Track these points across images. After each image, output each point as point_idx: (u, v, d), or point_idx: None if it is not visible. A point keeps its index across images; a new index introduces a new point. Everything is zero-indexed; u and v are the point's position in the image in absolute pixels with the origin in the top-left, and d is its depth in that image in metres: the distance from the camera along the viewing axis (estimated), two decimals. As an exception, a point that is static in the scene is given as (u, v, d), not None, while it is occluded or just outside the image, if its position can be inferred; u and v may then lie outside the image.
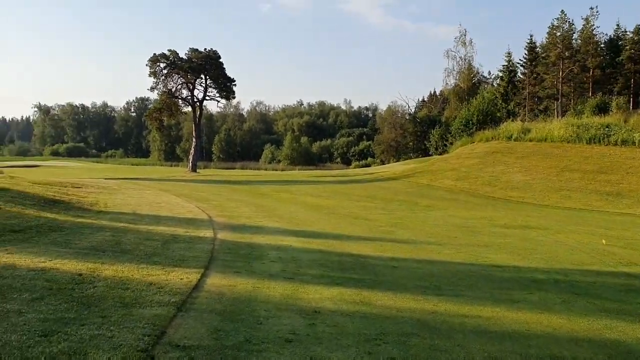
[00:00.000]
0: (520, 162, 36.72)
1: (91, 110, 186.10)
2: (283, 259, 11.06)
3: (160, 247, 11.36)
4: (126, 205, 19.67)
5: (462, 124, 48.12)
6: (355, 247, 13.33)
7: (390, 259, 11.97)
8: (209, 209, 20.57)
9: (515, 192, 30.50)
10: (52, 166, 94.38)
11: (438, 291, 9.00)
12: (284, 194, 30.19)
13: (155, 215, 17.38)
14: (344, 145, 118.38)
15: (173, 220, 16.27)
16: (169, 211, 18.74)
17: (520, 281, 10.27)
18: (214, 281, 8.60)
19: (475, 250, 13.79)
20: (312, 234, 15.54)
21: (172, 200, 22.95)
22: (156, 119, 61.22)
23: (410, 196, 29.90)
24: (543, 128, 40.97)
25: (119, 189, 28.00)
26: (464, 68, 64.38)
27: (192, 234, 13.69)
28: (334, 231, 16.33)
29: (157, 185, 33.24)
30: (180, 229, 14.50)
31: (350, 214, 21.53)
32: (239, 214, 19.70)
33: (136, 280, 8.17)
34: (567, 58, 52.97)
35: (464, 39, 67.73)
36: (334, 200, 27.36)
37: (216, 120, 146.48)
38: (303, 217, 19.85)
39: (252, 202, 25.01)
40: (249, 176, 55.93)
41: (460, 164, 39.66)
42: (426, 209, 24.19)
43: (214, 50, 60.63)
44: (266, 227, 16.46)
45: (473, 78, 64.56)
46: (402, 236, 15.94)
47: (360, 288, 8.79)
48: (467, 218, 21.42)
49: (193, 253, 10.91)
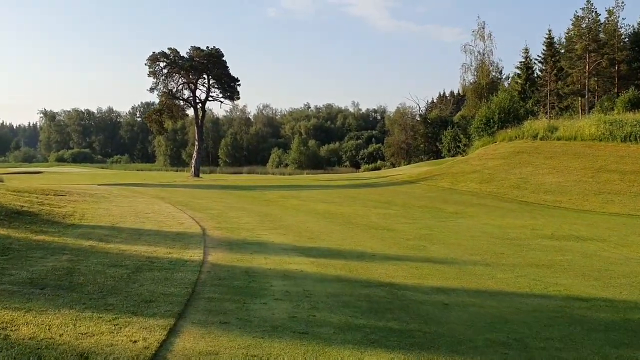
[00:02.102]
0: (549, 162, 33.57)
1: (97, 116, 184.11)
2: (292, 294, 8.08)
3: (125, 279, 8.41)
4: (107, 217, 16.77)
5: (482, 122, 44.93)
6: (384, 271, 10.35)
7: (434, 290, 8.98)
8: (205, 219, 17.64)
9: (549, 195, 27.36)
10: (55, 172, 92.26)
11: (525, 352, 6.00)
12: (292, 201, 27.24)
13: (138, 229, 14.45)
14: (352, 148, 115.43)
15: (157, 236, 13.34)
16: (156, 223, 15.80)
17: (629, 326, 7.25)
18: (185, 344, 5.64)
19: (537, 273, 10.76)
20: (328, 251, 12.56)
21: (165, 210, 20.04)
22: (156, 121, 57.84)
23: (433, 201, 26.85)
24: (572, 126, 37.81)
25: (108, 196, 25.15)
26: (483, 63, 60.75)
27: (176, 255, 10.74)
28: (354, 247, 13.34)
29: (153, 192, 30.38)
30: (162, 248, 11.56)
31: (369, 223, 18.54)
32: (240, 225, 16.75)
33: (60, 348, 5.21)
34: (593, 51, 49.63)
35: (482, 32, 63.37)
36: (348, 207, 24.38)
37: (222, 124, 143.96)
38: (315, 228, 16.88)
39: (256, 210, 22.08)
40: (255, 181, 53.03)
41: (483, 165, 36.55)
42: (454, 217, 21.15)
43: (217, 48, 57.30)
44: (271, 242, 13.50)
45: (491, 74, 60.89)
46: (438, 253, 12.94)
47: (409, 350, 5.81)
48: (505, 227, 18.38)
49: (168, 288, 7.96)
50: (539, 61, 64.20)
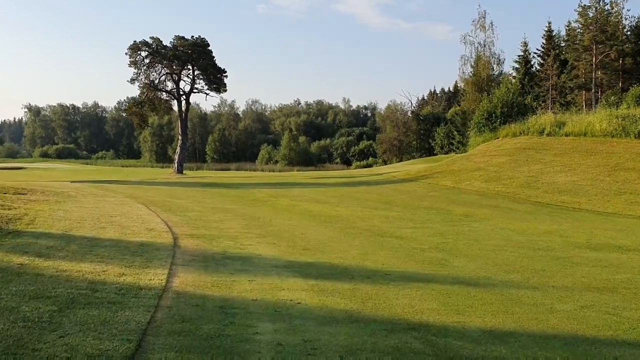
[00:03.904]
0: (559, 159, 31.16)
1: (82, 111, 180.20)
2: (286, 349, 5.47)
3: (44, 324, 5.75)
4: (62, 221, 14.04)
5: (483, 117, 42.39)
6: (408, 300, 7.78)
7: (484, 334, 6.42)
8: (180, 224, 14.99)
9: (566, 196, 24.92)
10: (38, 168, 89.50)
11: None
12: (283, 200, 24.61)
13: (93, 238, 11.75)
14: (343, 145, 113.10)
15: (115, 248, 10.66)
16: (119, 230, 13.10)
17: None
18: None
19: (603, 301, 8.25)
20: (329, 269, 9.95)
21: (135, 212, 17.32)
22: (136, 114, 54.36)
23: (438, 202, 24.33)
24: (581, 121, 35.40)
25: (76, 195, 22.38)
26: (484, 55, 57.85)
27: (130, 279, 8.08)
28: (361, 262, 10.76)
29: (128, 190, 27.61)
30: (115, 266, 8.90)
31: (372, 228, 15.97)
32: (222, 231, 14.12)
33: None
34: (601, 42, 47.17)
35: (482, 22, 60.13)
36: (345, 207, 21.80)
37: (210, 119, 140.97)
38: (310, 234, 14.27)
39: (241, 212, 19.44)
40: (243, 178, 50.28)
41: (486, 162, 34.07)
42: (466, 220, 18.62)
43: (202, 37, 54.00)
44: (258, 256, 10.88)
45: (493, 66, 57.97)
46: (465, 270, 10.40)
47: None
48: (528, 233, 15.89)
49: (101, 342, 5.31)
50: (538, 55, 61.89)
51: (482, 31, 58.63)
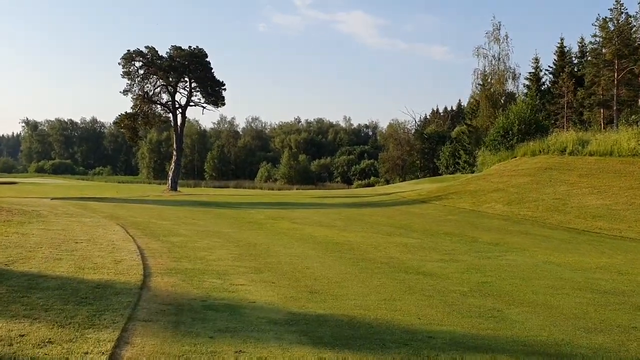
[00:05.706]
0: (586, 181, 28.47)
1: (80, 126, 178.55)
2: None
3: None
4: (9, 249, 11.28)
5: (499, 134, 39.73)
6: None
7: None
8: (158, 253, 12.24)
9: (601, 222, 22.18)
10: (31, 183, 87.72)
11: None
12: (283, 223, 21.88)
13: (37, 274, 8.99)
14: (344, 163, 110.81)
15: (58, 292, 7.89)
16: (76, 263, 10.33)
17: None
18: None
19: None
20: (348, 327, 7.17)
21: (108, 236, 14.56)
22: (128, 127, 51.46)
23: (459, 227, 21.60)
24: (606, 139, 32.80)
25: (47, 214, 19.64)
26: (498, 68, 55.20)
27: (53, 352, 5.31)
28: (389, 314, 7.99)
29: (110, 209, 24.86)
30: (41, 328, 6.13)
31: (391, 261, 13.22)
32: (208, 264, 11.37)
33: None
34: (624, 57, 44.59)
35: (497, 34, 57.47)
36: (354, 233, 19.06)
37: (209, 136, 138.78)
38: (317, 270, 11.50)
39: (236, 237, 16.69)
40: (241, 197, 47.54)
41: (506, 183, 31.35)
42: (498, 250, 15.87)
43: (200, 48, 51.26)
44: (250, 305, 8.12)
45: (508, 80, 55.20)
46: (529, 328, 7.63)
47: None
48: (580, 269, 13.13)
49: None
50: (550, 72, 59.52)
51: (497, 43, 56.13)
